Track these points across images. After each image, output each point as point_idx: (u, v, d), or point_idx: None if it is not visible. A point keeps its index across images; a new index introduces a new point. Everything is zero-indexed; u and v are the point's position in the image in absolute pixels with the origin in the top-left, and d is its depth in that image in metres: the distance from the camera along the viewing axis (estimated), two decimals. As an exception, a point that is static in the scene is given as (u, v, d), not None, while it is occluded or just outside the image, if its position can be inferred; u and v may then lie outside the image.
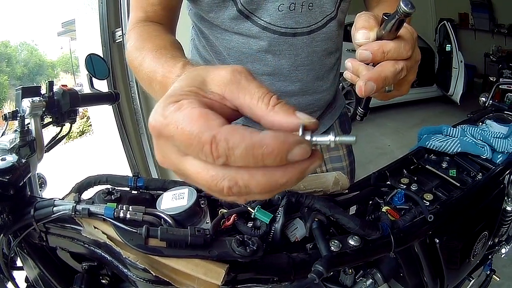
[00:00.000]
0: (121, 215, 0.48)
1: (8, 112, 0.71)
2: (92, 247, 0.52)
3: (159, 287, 0.48)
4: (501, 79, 2.18)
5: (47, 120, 0.80)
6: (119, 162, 2.48)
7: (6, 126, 0.73)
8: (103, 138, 2.82)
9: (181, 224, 0.50)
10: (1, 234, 0.55)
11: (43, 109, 0.75)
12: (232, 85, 0.29)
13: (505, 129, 0.98)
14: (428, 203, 0.70)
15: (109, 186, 0.57)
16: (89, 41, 2.43)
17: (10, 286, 0.62)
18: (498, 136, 0.95)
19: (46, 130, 0.79)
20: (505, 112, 1.21)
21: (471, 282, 0.90)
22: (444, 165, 0.84)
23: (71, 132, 2.65)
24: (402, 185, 0.76)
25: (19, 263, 0.65)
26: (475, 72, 5.97)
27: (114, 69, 2.24)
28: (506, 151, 0.91)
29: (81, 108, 1.16)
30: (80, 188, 0.60)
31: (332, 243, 0.53)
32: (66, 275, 0.61)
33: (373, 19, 0.44)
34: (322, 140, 0.26)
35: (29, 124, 0.72)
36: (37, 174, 0.75)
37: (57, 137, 0.85)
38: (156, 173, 2.37)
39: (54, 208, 0.51)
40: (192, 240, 0.45)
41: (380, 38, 0.43)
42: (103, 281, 0.59)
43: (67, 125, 0.85)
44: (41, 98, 0.75)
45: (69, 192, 0.58)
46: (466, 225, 0.74)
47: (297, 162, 0.25)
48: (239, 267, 0.47)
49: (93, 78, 0.94)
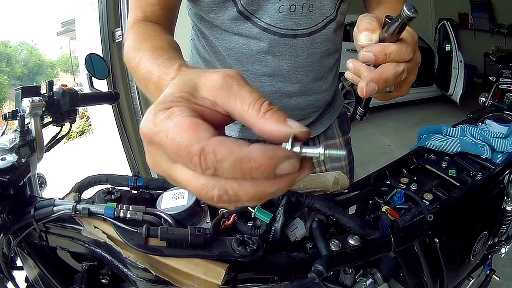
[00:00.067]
0: (121, 215, 0.48)
1: (8, 112, 0.71)
2: (92, 247, 0.52)
3: (159, 287, 0.48)
4: (501, 79, 2.19)
5: (47, 120, 0.80)
6: (119, 162, 2.48)
7: (6, 126, 0.73)
8: (103, 138, 2.82)
9: (181, 224, 0.51)
10: (1, 234, 0.55)
11: (43, 109, 0.75)
12: (224, 91, 0.28)
13: (505, 129, 0.98)
14: (428, 203, 0.70)
15: (109, 186, 0.57)
16: (89, 41, 2.43)
17: (10, 286, 0.62)
18: (498, 136, 0.95)
19: (46, 130, 0.79)
20: (505, 112, 1.21)
21: (471, 282, 0.90)
22: (444, 165, 0.84)
23: (71, 132, 2.65)
24: (402, 185, 0.76)
25: (19, 263, 0.65)
26: (475, 72, 5.98)
27: (114, 69, 2.24)
28: (506, 151, 0.91)
29: (81, 108, 1.16)
30: (80, 188, 0.60)
31: (332, 243, 0.53)
32: (66, 275, 0.61)
33: (376, 21, 0.44)
34: (311, 152, 0.26)
35: (29, 124, 0.72)
36: (37, 174, 0.75)
37: (57, 137, 0.85)
38: (156, 173, 2.37)
39: (54, 208, 0.51)
40: (192, 240, 0.45)
41: (382, 40, 0.43)
42: (103, 281, 0.59)
43: (67, 125, 0.85)
44: (41, 98, 0.75)
45: (69, 192, 0.58)
46: (466, 225, 0.74)
47: (286, 174, 0.25)
48: (239, 267, 0.47)
49: (93, 78, 0.93)
